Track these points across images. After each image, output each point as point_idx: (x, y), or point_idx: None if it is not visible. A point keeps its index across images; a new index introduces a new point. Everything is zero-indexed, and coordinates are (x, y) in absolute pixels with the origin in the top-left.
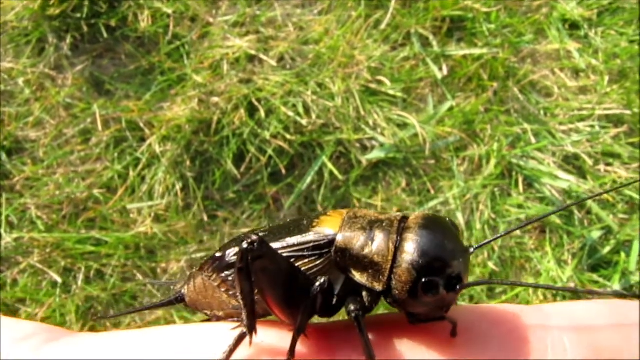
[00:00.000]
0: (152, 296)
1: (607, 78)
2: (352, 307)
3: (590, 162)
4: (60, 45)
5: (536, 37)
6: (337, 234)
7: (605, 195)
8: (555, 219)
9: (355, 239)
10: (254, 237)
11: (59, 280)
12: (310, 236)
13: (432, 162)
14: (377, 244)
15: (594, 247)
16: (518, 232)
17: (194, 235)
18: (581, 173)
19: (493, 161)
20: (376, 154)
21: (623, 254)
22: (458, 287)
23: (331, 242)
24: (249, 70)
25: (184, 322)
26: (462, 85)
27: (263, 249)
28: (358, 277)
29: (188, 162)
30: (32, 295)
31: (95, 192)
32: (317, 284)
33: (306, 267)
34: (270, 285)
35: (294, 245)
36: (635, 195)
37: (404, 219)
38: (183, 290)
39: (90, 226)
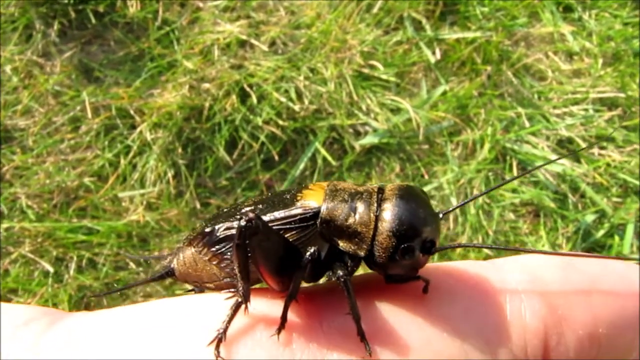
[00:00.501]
0: (145, 284)
1: (601, 61)
2: (340, 273)
3: (584, 145)
4: (47, 31)
5: (530, 20)
6: (321, 206)
7: (599, 179)
8: (550, 203)
9: (339, 211)
10: (251, 215)
11: (51, 269)
12: (296, 209)
13: (426, 147)
14: (359, 214)
15: (588, 230)
16: (512, 216)
17: (187, 223)
18: (575, 156)
19: (487, 145)
20: (369, 140)
21: (617, 237)
22: (432, 250)
23: (316, 214)
24: (240, 55)
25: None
26: (455, 69)
27: (259, 225)
28: (342, 245)
29: (180, 150)
30: (24, 285)
31: (86, 180)
32: (308, 253)
33: (293, 238)
34: (264, 257)
35: (282, 219)
36: (629, 179)
37: (381, 190)
38: (172, 265)
39: (82, 215)
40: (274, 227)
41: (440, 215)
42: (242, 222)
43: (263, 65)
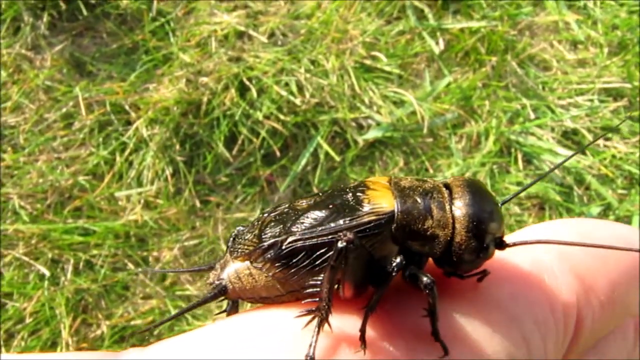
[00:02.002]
0: (145, 286)
1: (606, 50)
2: (426, 280)
3: (589, 137)
4: (36, 24)
5: (534, 9)
6: (395, 210)
7: (605, 170)
8: (555, 196)
9: (414, 214)
10: (350, 236)
11: (47, 272)
12: (368, 216)
13: (430, 140)
14: (435, 216)
15: None
16: (517, 210)
17: (186, 222)
18: (580, 148)
19: (492, 138)
20: (373, 134)
21: None
22: (504, 244)
23: (391, 218)
24: (239, 47)
25: (176, 308)
26: (458, 59)
27: (356, 246)
28: (416, 247)
29: (177, 146)
30: (18, 289)
31: (81, 179)
32: (394, 264)
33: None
34: (350, 272)
35: (353, 227)
36: (634, 170)
37: (446, 186)
38: (224, 282)
39: (77, 215)
40: None
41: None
42: (341, 244)
43: (262, 58)
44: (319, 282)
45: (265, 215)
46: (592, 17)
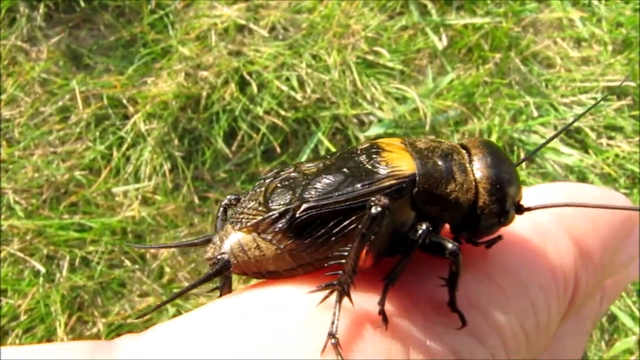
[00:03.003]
0: (142, 283)
1: (610, 48)
2: (452, 247)
3: (592, 135)
4: (32, 15)
5: (538, 6)
6: (416, 172)
7: (607, 169)
8: None
9: (436, 177)
10: (385, 201)
11: (42, 269)
12: (388, 180)
13: (432, 137)
14: (458, 179)
15: None
16: None
17: (184, 218)
18: (583, 147)
19: (494, 135)
20: (375, 130)
21: None
22: (523, 209)
23: (412, 182)
24: (239, 41)
25: (173, 306)
26: (462, 56)
27: (391, 211)
28: (436, 212)
29: (176, 141)
30: (13, 286)
31: (77, 174)
32: (420, 231)
33: None
34: (376, 240)
35: (372, 193)
36: (637, 170)
37: (464, 147)
38: (226, 257)
39: (73, 211)
40: (362, 202)
41: None
42: (376, 210)
43: (263, 52)
44: (340, 253)
45: (268, 180)
46: (597, 15)
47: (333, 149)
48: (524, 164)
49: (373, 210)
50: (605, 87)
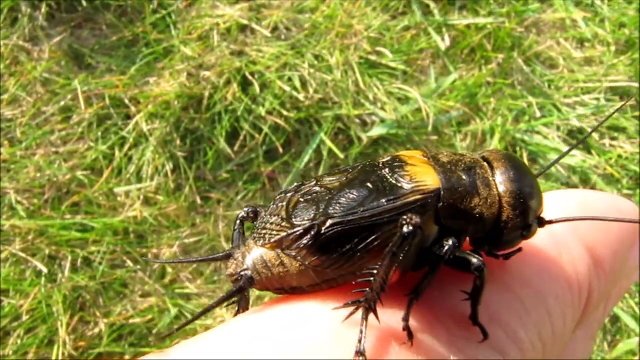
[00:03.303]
0: (144, 283)
1: (613, 49)
2: (477, 262)
3: (595, 136)
4: (34, 14)
5: (541, 6)
6: (441, 187)
7: (610, 170)
8: None
9: (460, 191)
10: (417, 220)
11: (44, 269)
12: (413, 195)
13: (435, 137)
14: (482, 194)
15: None
16: None
17: (186, 219)
18: (586, 148)
19: (497, 136)
20: (377, 131)
21: None
22: (544, 222)
23: (437, 197)
24: (241, 41)
25: (175, 306)
26: (464, 56)
27: (420, 230)
28: (459, 227)
29: (178, 141)
30: (15, 286)
31: (79, 174)
32: (447, 247)
33: None
34: (404, 257)
35: (398, 208)
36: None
37: (486, 160)
38: (249, 273)
39: (75, 211)
40: (387, 218)
41: None
42: (407, 229)
43: (265, 52)
44: (369, 271)
45: (290, 194)
46: (600, 15)
47: (335, 150)
48: (525, 161)
49: (405, 229)
50: (608, 88)
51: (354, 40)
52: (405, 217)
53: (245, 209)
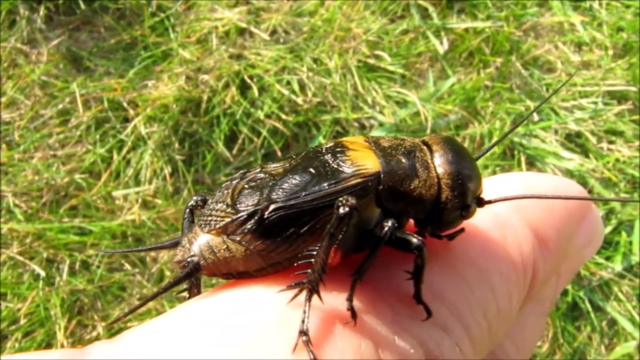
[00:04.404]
0: (142, 287)
1: (611, 52)
2: (416, 242)
3: (593, 140)
4: (32, 17)
5: (539, 10)
6: (381, 170)
7: (608, 174)
8: None
9: (400, 174)
10: (353, 202)
11: (42, 272)
12: (354, 178)
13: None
14: (421, 176)
15: None
16: None
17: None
18: (584, 151)
19: (495, 140)
20: (376, 134)
21: (624, 234)
22: (483, 202)
23: (377, 180)
24: (240, 44)
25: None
26: (462, 60)
27: (356, 211)
28: (400, 209)
29: (176, 144)
30: (12, 289)
31: (77, 177)
32: (386, 227)
33: None
34: (343, 238)
35: (339, 192)
36: (637, 174)
37: (425, 144)
38: (196, 259)
39: (73, 214)
40: (329, 200)
41: None
42: (343, 210)
43: (264, 55)
44: (309, 252)
45: (235, 181)
46: (598, 19)
47: None
48: (523, 165)
49: (341, 210)
50: (605, 92)
51: (353, 44)
52: (341, 198)
53: (195, 198)
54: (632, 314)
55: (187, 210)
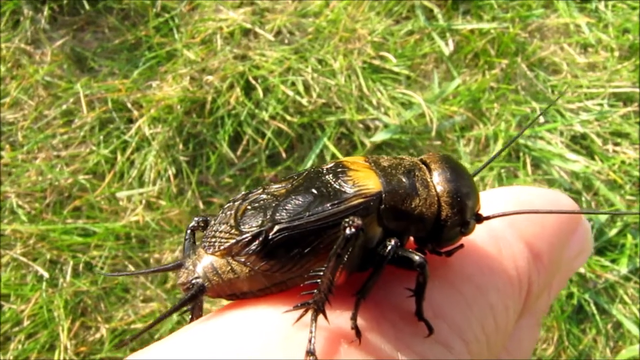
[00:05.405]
0: (146, 288)
1: (617, 54)
2: (419, 260)
3: (599, 141)
4: (36, 17)
5: (545, 11)
6: (382, 190)
7: (613, 176)
8: None
9: (401, 193)
10: (359, 223)
11: (45, 274)
12: (356, 199)
13: (438, 143)
14: (421, 194)
15: (601, 229)
16: None
17: (188, 223)
18: (589, 153)
19: (500, 141)
20: (381, 136)
21: (630, 237)
22: (482, 218)
23: (379, 199)
24: (244, 45)
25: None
26: (468, 61)
27: (365, 232)
28: (402, 227)
29: (180, 145)
30: (16, 291)
31: (81, 178)
32: (389, 247)
33: None
34: (349, 259)
35: (341, 212)
36: None
37: (424, 162)
38: (200, 281)
39: (77, 215)
40: (333, 221)
41: None
42: (350, 232)
43: (269, 56)
44: (315, 273)
45: (238, 203)
46: (604, 20)
47: (339, 154)
48: (529, 167)
49: (347, 231)
50: (611, 94)
51: (358, 45)
52: (347, 219)
53: (196, 219)
54: (637, 317)
55: (189, 231)
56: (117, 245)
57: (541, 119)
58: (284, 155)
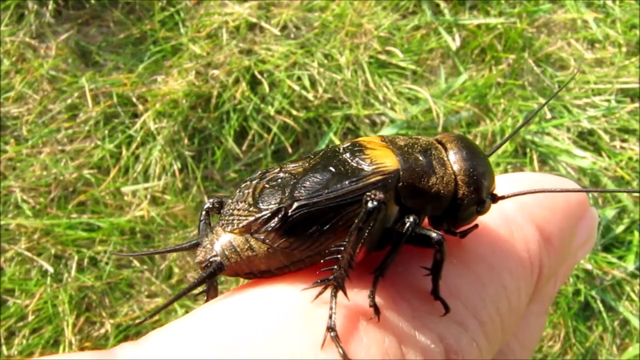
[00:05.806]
0: (150, 283)
1: (624, 50)
2: (437, 237)
3: (606, 138)
4: (41, 11)
5: (552, 6)
6: (400, 168)
7: (621, 172)
8: None
9: (418, 171)
10: (381, 196)
11: (50, 269)
12: (374, 176)
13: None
14: (438, 172)
15: (608, 226)
16: None
17: (193, 218)
18: (596, 149)
19: (505, 136)
20: (387, 131)
21: (637, 233)
22: (497, 198)
23: (397, 177)
24: (250, 39)
25: (182, 306)
26: (474, 56)
27: (384, 205)
28: (418, 205)
29: (186, 140)
30: (20, 286)
31: (86, 173)
32: (408, 223)
33: None
34: (368, 235)
35: (360, 189)
36: None
37: (440, 142)
38: (218, 259)
39: (82, 210)
40: (351, 199)
41: None
42: (372, 204)
43: (274, 51)
44: (335, 249)
45: (255, 181)
46: (611, 16)
47: None
48: (535, 163)
49: (370, 204)
50: (618, 90)
51: (364, 40)
52: (369, 193)
53: (211, 200)
54: None
55: (204, 212)
56: (122, 240)
57: (548, 115)
58: (289, 150)
